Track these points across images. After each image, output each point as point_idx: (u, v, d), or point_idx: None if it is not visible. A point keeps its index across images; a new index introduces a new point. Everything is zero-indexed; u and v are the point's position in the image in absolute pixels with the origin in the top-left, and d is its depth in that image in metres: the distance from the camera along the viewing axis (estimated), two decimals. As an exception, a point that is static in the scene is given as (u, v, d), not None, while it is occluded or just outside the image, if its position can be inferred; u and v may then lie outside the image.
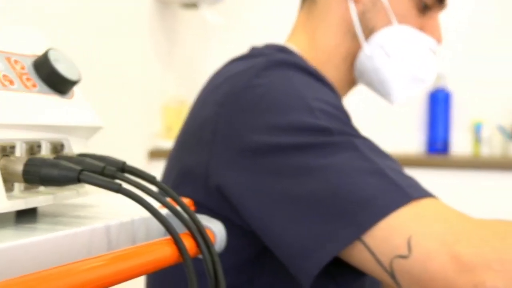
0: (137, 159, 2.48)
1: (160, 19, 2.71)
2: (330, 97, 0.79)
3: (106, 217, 0.47)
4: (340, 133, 0.73)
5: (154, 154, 2.54)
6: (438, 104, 2.83)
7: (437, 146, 2.82)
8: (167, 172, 0.91)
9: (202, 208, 0.79)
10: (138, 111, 2.51)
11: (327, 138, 0.72)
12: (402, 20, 0.94)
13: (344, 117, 0.78)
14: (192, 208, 0.53)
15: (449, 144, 2.85)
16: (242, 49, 0.99)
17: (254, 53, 0.90)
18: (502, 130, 2.83)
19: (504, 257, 0.60)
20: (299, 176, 0.70)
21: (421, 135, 2.94)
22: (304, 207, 0.69)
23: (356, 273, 0.74)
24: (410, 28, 0.95)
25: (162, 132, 2.69)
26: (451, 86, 2.87)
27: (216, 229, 0.48)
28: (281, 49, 0.92)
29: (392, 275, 0.65)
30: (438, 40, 0.98)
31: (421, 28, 0.96)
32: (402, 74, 0.96)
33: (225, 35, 2.90)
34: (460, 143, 2.89)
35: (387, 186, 0.68)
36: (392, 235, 0.66)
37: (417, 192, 0.69)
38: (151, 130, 2.63)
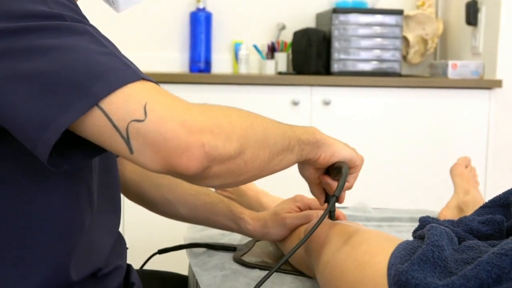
0: None
1: None
2: None
3: None
4: (74, 20, 0.77)
5: None
6: (199, 24, 2.93)
7: (199, 66, 2.94)
8: None
9: None
10: None
11: (60, 22, 0.75)
12: None
13: (78, 10, 0.81)
14: None
15: (211, 64, 2.99)
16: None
17: None
18: (257, 50, 3.04)
19: (219, 123, 0.75)
20: (30, 55, 0.72)
21: (184, 55, 3.04)
22: (37, 83, 0.72)
23: (87, 152, 0.78)
24: None
25: None
26: (211, 7, 2.99)
27: None
28: None
29: (127, 140, 0.72)
30: None
31: None
32: None
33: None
34: (221, 62, 3.05)
35: (120, 66, 0.75)
36: (129, 101, 0.72)
37: (145, 76, 0.76)
38: None
